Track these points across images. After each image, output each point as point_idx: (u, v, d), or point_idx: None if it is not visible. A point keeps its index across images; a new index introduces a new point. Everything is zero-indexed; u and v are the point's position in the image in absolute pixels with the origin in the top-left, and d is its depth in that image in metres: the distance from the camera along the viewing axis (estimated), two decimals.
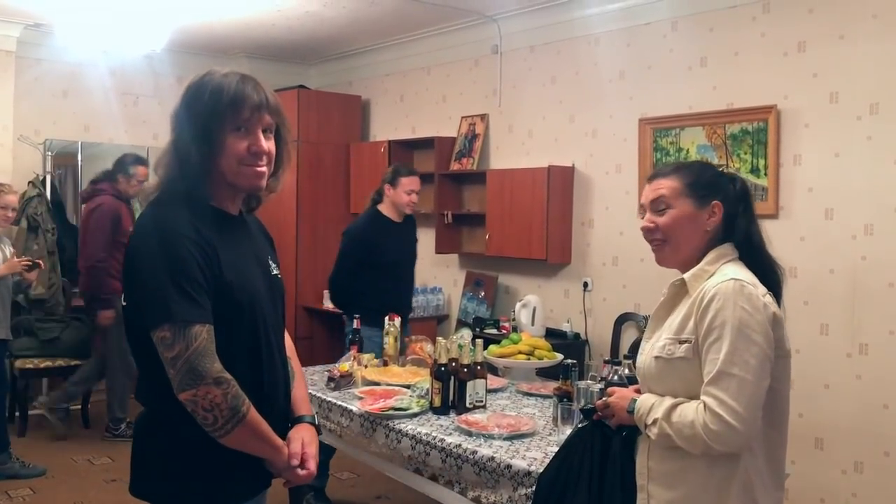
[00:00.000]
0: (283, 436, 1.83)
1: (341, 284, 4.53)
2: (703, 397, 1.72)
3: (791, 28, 4.20)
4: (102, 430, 5.51)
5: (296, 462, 1.80)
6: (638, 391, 2.01)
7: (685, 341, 1.78)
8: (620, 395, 1.95)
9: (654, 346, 1.87)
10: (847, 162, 3.99)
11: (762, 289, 1.79)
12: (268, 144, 1.79)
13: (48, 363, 5.54)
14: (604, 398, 2.00)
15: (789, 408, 1.87)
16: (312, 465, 1.83)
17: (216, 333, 1.67)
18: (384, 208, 4.57)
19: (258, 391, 1.76)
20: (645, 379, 1.91)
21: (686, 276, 1.87)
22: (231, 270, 1.74)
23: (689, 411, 1.73)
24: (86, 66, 6.37)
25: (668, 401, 1.79)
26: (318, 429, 1.95)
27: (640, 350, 1.95)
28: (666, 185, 1.91)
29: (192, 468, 1.74)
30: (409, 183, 4.52)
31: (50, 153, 6.45)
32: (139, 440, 1.82)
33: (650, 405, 1.82)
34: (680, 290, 1.89)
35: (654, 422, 1.79)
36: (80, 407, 5.76)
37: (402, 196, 4.51)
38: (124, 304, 1.77)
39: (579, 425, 2.07)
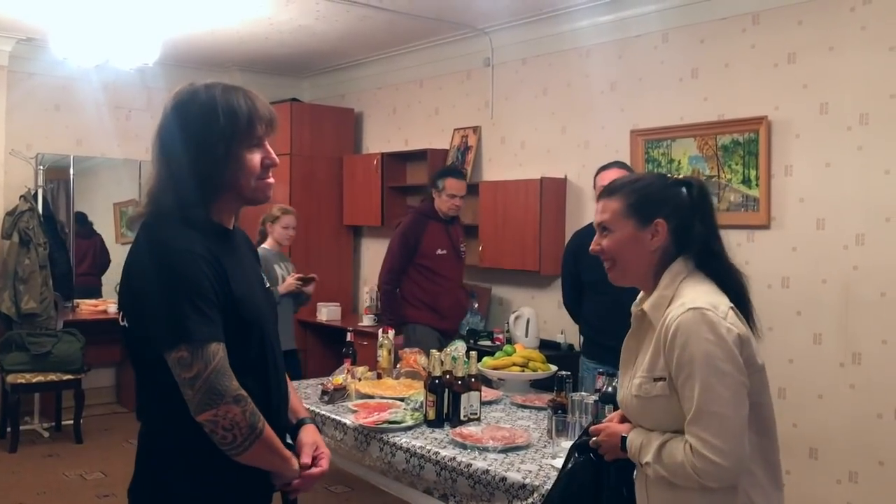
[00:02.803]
0: (283, 442, 1.83)
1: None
2: (687, 436, 1.69)
3: (781, 39, 4.23)
4: (95, 445, 5.47)
5: (307, 461, 1.83)
6: (623, 414, 1.99)
7: (659, 378, 1.74)
8: (609, 433, 1.90)
9: (631, 383, 1.83)
10: (838, 172, 4.01)
11: (723, 307, 1.73)
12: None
13: (40, 378, 5.52)
14: (593, 439, 1.94)
15: (774, 414, 1.84)
16: (326, 462, 1.88)
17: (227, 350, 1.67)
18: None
19: (267, 404, 1.75)
20: (629, 414, 1.87)
21: (646, 306, 1.82)
22: (238, 286, 1.73)
23: (678, 452, 1.70)
24: (78, 80, 6.37)
25: (656, 440, 1.75)
26: (319, 428, 1.98)
27: (619, 384, 1.92)
28: (609, 208, 1.88)
29: (195, 489, 1.72)
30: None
31: (42, 167, 6.44)
32: (142, 460, 1.79)
33: (639, 444, 1.79)
34: (644, 319, 1.85)
35: (647, 464, 1.76)
36: (72, 422, 5.72)
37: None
38: (124, 324, 1.74)
39: (572, 462, 2.00)
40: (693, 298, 1.74)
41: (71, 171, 6.66)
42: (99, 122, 6.64)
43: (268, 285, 1.96)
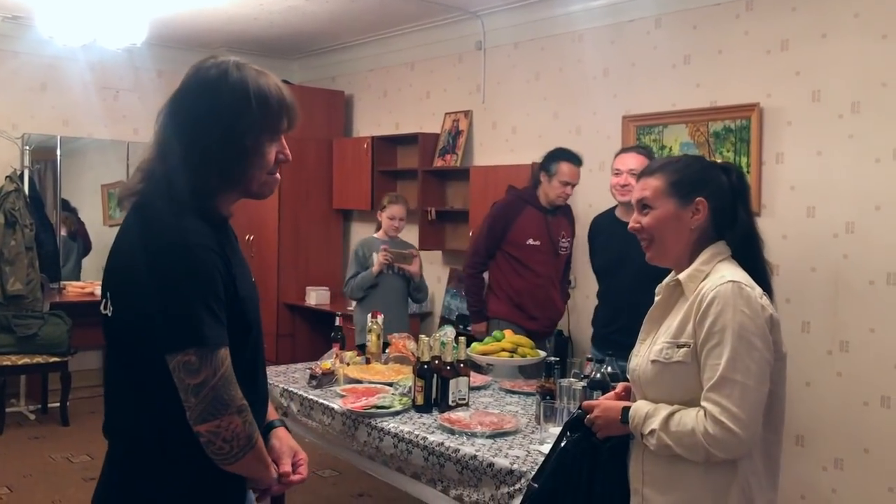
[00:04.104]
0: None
1: None
2: (703, 403, 1.69)
3: (774, 26, 4.21)
4: (81, 427, 5.45)
5: (287, 469, 1.72)
6: (618, 395, 1.98)
7: (683, 345, 1.75)
8: (606, 408, 1.89)
9: (650, 349, 1.83)
10: (829, 160, 4.01)
11: (758, 290, 1.77)
12: None
13: (26, 360, 5.49)
14: (586, 416, 1.93)
15: (785, 410, 1.85)
16: (305, 469, 1.76)
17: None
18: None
19: (257, 408, 1.65)
20: (639, 383, 1.86)
21: (681, 276, 1.84)
22: (243, 284, 1.62)
23: (689, 419, 1.70)
24: (64, 59, 6.29)
25: (664, 409, 1.75)
26: (288, 430, 1.87)
27: (634, 353, 1.91)
28: (650, 186, 1.90)
29: (172, 498, 1.60)
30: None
31: (28, 147, 6.37)
32: (122, 486, 1.61)
33: (644, 413, 1.78)
34: (675, 291, 1.86)
35: (652, 432, 1.75)
36: (58, 404, 5.70)
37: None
38: (105, 312, 1.62)
39: (565, 440, 1.99)
40: (732, 274, 1.77)
41: (58, 152, 6.59)
42: (86, 102, 6.57)
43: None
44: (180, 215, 1.55)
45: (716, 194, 1.86)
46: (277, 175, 1.69)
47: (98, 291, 5.82)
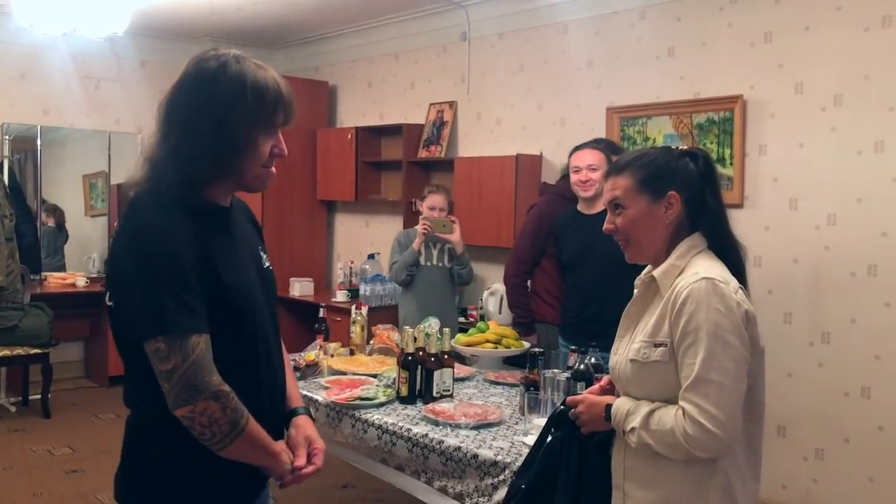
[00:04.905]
0: (280, 433, 1.78)
1: None
2: (681, 403, 1.68)
3: (758, 19, 4.22)
4: (63, 419, 5.42)
5: (301, 462, 1.73)
6: (603, 388, 1.98)
7: (660, 344, 1.73)
8: (590, 404, 1.89)
9: (628, 347, 1.82)
10: (811, 152, 4.03)
11: (734, 284, 1.74)
12: None
13: (6, 352, 5.43)
14: (571, 410, 1.92)
15: (765, 403, 1.86)
16: (320, 459, 1.77)
17: (212, 340, 1.57)
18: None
19: (256, 396, 1.68)
20: (620, 381, 1.85)
21: (656, 273, 1.81)
22: (228, 273, 1.63)
23: (668, 418, 1.69)
24: (45, 48, 6.22)
25: (645, 407, 1.74)
26: (312, 418, 1.89)
27: (614, 350, 1.89)
28: (620, 185, 1.86)
29: (185, 477, 1.65)
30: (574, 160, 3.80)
31: (7, 137, 6.31)
32: (129, 450, 1.71)
33: (626, 411, 1.77)
34: (651, 286, 1.84)
35: (633, 430, 1.74)
36: (39, 397, 5.66)
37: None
38: (109, 303, 1.66)
39: (550, 436, 1.98)
40: (706, 269, 1.74)
41: (38, 142, 6.51)
42: (67, 91, 6.51)
43: (268, 265, 1.85)
44: (156, 207, 1.59)
45: (686, 185, 1.83)
46: (273, 169, 1.71)
47: (79, 283, 5.75)
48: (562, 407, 1.98)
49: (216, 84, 1.60)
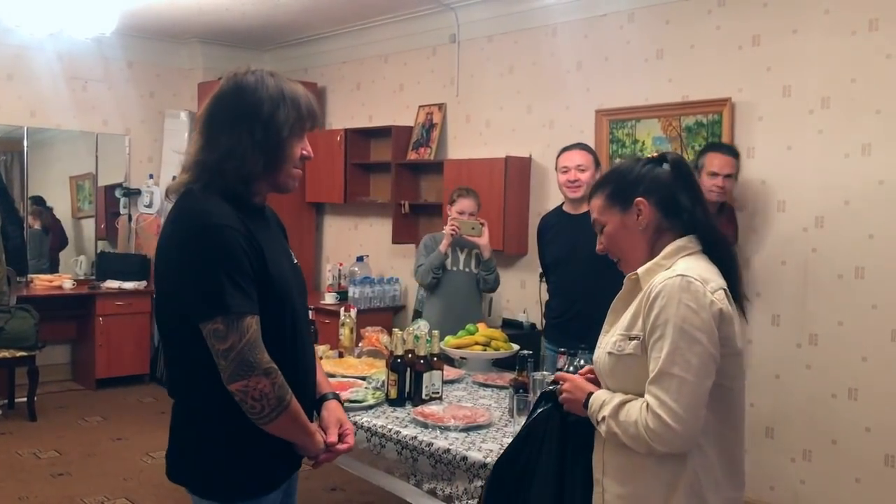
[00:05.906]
0: (311, 416, 1.93)
1: None
2: (646, 396, 1.71)
3: (746, 22, 4.24)
4: (49, 423, 5.37)
5: (333, 439, 1.91)
6: (584, 374, 2.00)
7: (634, 338, 1.76)
8: (574, 386, 1.91)
9: (608, 341, 1.85)
10: (799, 155, 4.05)
11: (713, 285, 1.74)
12: None
13: None
14: (557, 387, 1.96)
15: (744, 407, 1.86)
16: (352, 438, 1.97)
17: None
18: None
19: (294, 378, 1.83)
20: (600, 374, 1.89)
21: (640, 270, 1.84)
22: (273, 265, 1.81)
23: (634, 411, 1.72)
24: (31, 48, 6.19)
25: (618, 398, 1.77)
26: (342, 403, 2.07)
27: (598, 344, 1.92)
28: (595, 206, 1.93)
29: (228, 458, 1.81)
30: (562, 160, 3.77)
31: None
32: (176, 432, 1.88)
33: (602, 401, 1.80)
34: (636, 284, 1.85)
35: (603, 419, 1.77)
36: (25, 400, 5.61)
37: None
38: (154, 295, 1.83)
39: (539, 410, 2.02)
40: (687, 269, 1.75)
41: (25, 143, 6.47)
42: (54, 92, 6.47)
43: (296, 261, 2.02)
44: (208, 200, 1.77)
45: (653, 189, 1.84)
46: (300, 171, 1.92)
47: (66, 285, 5.72)
48: (552, 387, 2.01)
49: (258, 92, 1.81)
